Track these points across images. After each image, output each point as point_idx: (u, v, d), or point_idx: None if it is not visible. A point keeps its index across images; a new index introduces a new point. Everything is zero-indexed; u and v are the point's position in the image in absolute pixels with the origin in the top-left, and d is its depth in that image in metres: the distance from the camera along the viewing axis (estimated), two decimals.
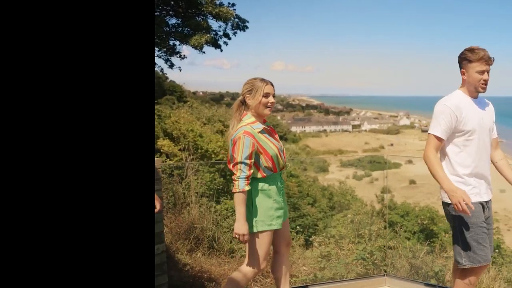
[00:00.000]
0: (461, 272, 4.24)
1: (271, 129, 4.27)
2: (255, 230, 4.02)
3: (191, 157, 13.79)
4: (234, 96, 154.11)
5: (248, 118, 4.11)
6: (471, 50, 4.06)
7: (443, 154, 4.24)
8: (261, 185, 4.06)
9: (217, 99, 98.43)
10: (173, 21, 20.10)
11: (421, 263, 6.33)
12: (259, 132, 4.04)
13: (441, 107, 4.13)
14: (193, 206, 6.70)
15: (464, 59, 4.08)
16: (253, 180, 4.01)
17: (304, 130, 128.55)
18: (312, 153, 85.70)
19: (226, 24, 21.45)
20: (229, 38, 21.91)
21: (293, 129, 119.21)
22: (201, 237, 6.41)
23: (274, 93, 4.14)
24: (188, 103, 27.97)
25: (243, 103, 4.18)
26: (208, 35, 19.82)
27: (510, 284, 6.50)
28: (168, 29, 19.71)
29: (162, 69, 21.44)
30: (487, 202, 4.21)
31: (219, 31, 21.48)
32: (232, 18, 20.92)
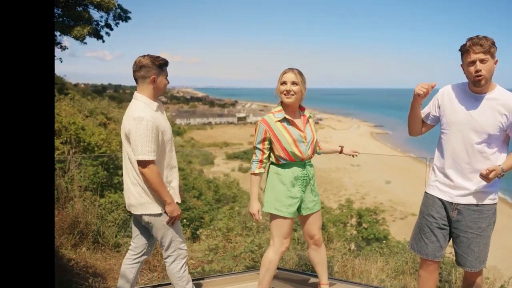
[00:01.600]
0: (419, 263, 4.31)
1: (303, 120, 4.44)
2: (265, 210, 4.42)
3: (73, 150, 13.45)
4: (116, 88, 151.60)
5: (277, 107, 4.38)
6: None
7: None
8: (275, 169, 4.37)
9: (99, 91, 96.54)
10: None
11: (306, 254, 6.41)
12: (279, 121, 4.27)
13: None
14: (76, 200, 6.51)
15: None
16: (271, 164, 4.42)
17: (189, 123, 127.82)
18: (197, 146, 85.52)
19: (108, 15, 21.13)
20: (111, 29, 21.62)
21: (178, 121, 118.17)
22: (85, 232, 6.24)
23: (296, 81, 4.23)
24: (70, 95, 27.24)
25: None
26: (90, 26, 19.43)
27: (397, 274, 6.68)
28: None
29: None
30: (455, 204, 3.93)
31: (101, 21, 21.14)
32: (114, 8, 20.61)
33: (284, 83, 4.25)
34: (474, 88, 3.78)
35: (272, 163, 4.41)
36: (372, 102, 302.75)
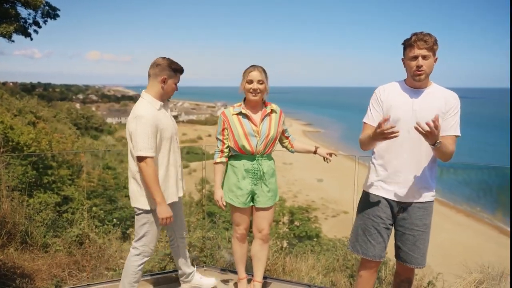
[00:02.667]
0: (359, 263, 4.27)
1: (262, 114, 4.57)
2: (224, 198, 4.67)
3: (2, 150, 13.15)
4: (46, 87, 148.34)
5: (241, 102, 4.61)
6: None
7: None
8: (230, 161, 4.69)
9: (28, 90, 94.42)
10: None
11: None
12: (236, 114, 4.54)
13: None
14: (4, 200, 6.37)
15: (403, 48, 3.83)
16: (230, 155, 4.70)
17: (120, 122, 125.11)
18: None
19: (36, 12, 20.77)
20: (39, 27, 21.23)
21: (109, 120, 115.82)
22: (13, 232, 6.12)
23: (262, 80, 4.38)
24: None
25: None
26: (17, 23, 19.08)
27: (328, 271, 6.74)
28: None
29: None
30: (402, 202, 3.93)
31: (29, 18, 20.75)
32: (42, 6, 20.27)
33: (250, 81, 4.41)
34: (413, 83, 3.82)
35: (230, 155, 4.70)
36: (303, 100, 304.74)
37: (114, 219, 7.77)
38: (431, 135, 3.45)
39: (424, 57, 3.66)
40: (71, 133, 31.43)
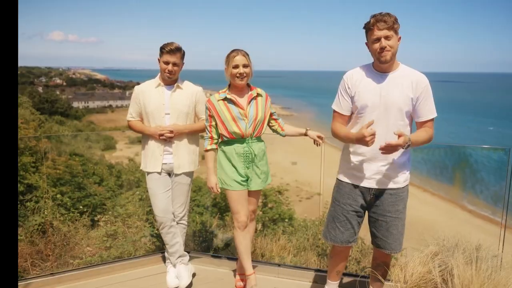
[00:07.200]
0: (331, 246, 4.35)
1: (248, 98, 4.60)
2: (220, 186, 4.69)
3: None
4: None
5: (225, 88, 4.65)
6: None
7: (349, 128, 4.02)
8: (221, 147, 4.69)
9: None
10: None
11: (212, 236, 6.40)
12: (221, 99, 4.56)
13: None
14: None
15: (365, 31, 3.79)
16: (219, 143, 4.73)
17: (88, 106, 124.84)
18: (98, 130, 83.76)
19: None
20: None
21: (75, 104, 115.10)
22: None
23: (247, 63, 4.45)
24: None
25: None
26: None
27: (299, 250, 6.75)
28: None
29: None
30: (373, 189, 3.95)
31: None
32: None
33: (236, 66, 4.43)
34: (380, 67, 3.79)
35: (220, 142, 4.74)
36: (275, 84, 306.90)
37: (81, 207, 7.64)
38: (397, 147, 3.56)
39: (386, 38, 3.64)
40: (34, 118, 31.04)
